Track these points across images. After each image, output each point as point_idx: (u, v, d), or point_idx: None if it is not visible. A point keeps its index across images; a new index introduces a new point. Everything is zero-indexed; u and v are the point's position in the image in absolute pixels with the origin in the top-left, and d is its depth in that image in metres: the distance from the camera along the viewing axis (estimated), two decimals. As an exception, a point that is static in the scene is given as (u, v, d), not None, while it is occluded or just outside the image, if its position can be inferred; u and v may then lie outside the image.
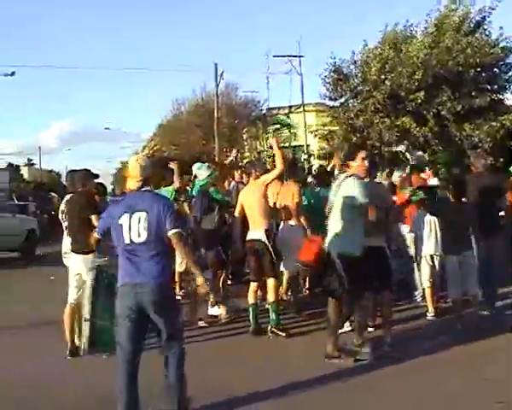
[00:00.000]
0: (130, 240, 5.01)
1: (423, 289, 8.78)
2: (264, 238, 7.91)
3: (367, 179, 6.81)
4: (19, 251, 17.86)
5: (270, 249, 7.92)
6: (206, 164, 9.72)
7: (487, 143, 21.41)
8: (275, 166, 8.28)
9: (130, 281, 5.03)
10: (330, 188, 7.90)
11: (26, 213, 19.13)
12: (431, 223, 8.59)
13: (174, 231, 4.98)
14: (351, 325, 7.49)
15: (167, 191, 10.04)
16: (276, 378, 6.06)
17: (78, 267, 7.30)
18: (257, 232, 7.99)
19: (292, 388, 5.86)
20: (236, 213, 8.52)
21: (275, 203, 8.82)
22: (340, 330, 7.18)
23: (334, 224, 6.67)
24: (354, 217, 6.56)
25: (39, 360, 7.13)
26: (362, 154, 6.80)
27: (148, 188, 5.21)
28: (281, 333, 7.79)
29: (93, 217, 7.05)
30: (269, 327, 7.82)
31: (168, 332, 5.07)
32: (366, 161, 6.78)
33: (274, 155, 11.49)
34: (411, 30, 24.49)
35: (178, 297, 8.92)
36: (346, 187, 6.56)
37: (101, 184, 9.52)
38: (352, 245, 6.52)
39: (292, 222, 8.83)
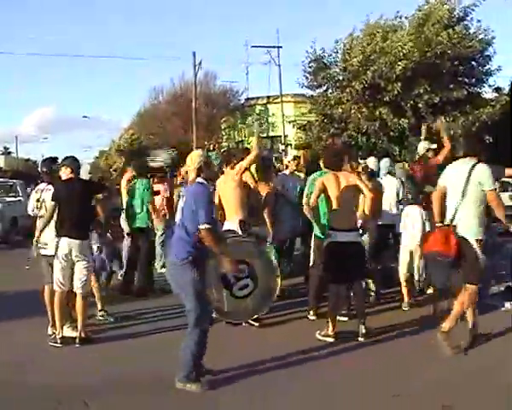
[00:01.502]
0: (176, 220, 5.96)
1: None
2: (238, 230, 7.87)
3: None
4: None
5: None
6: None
7: (461, 136, 21.56)
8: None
9: (168, 258, 6.09)
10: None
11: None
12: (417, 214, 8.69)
13: (201, 226, 5.53)
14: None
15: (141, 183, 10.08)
16: (251, 364, 6.24)
17: (72, 251, 7.25)
18: (231, 223, 7.98)
19: (263, 371, 6.08)
20: (216, 202, 8.31)
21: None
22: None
23: (469, 209, 6.57)
24: (484, 202, 6.60)
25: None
26: None
27: (199, 179, 5.77)
28: (254, 323, 7.85)
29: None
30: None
31: (187, 308, 5.68)
32: None
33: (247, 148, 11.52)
34: (399, 21, 24.52)
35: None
36: (480, 173, 6.53)
37: None
38: (484, 231, 6.58)
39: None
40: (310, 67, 25.24)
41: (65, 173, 7.59)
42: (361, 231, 7.41)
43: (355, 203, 7.33)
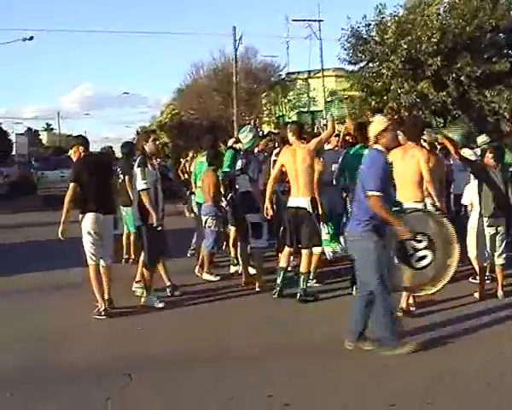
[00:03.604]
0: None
1: None
2: (309, 207, 7.94)
3: None
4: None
5: (314, 220, 7.99)
6: (249, 126, 9.87)
7: (507, 111, 21.35)
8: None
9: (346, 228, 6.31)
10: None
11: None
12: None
13: (369, 193, 5.70)
14: None
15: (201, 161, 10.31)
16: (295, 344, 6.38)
17: (101, 226, 7.68)
18: (302, 199, 7.99)
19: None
20: (273, 176, 8.41)
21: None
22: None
23: None
24: None
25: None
26: None
27: (377, 146, 5.91)
28: (309, 298, 8.04)
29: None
30: (298, 295, 8.02)
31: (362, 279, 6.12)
32: None
33: (289, 123, 11.60)
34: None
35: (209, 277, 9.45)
36: None
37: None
38: None
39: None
40: (348, 42, 25.14)
41: (77, 152, 7.94)
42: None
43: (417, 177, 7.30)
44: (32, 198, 24.93)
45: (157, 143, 8.25)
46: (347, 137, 9.49)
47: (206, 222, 9.60)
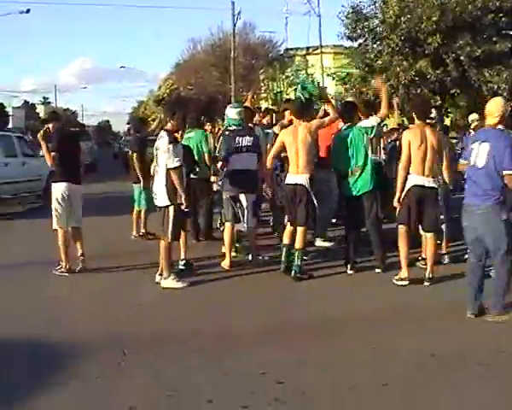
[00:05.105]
0: (474, 165, 6.17)
1: None
2: (307, 185, 7.95)
3: None
4: None
5: (312, 198, 7.99)
6: (235, 105, 9.78)
7: (506, 91, 21.22)
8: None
9: (467, 201, 6.35)
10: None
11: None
12: None
13: (508, 172, 5.95)
14: None
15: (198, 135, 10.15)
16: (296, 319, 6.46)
17: (71, 195, 8.34)
18: (301, 177, 7.99)
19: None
20: (272, 154, 8.40)
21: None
22: None
23: None
24: None
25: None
26: None
27: (500, 126, 6.22)
28: (303, 276, 8.09)
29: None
30: (292, 273, 8.05)
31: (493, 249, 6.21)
32: None
33: (289, 100, 11.51)
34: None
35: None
36: None
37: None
38: None
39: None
40: (348, 17, 24.84)
41: (55, 127, 8.76)
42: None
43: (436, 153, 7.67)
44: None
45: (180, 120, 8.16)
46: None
47: None
